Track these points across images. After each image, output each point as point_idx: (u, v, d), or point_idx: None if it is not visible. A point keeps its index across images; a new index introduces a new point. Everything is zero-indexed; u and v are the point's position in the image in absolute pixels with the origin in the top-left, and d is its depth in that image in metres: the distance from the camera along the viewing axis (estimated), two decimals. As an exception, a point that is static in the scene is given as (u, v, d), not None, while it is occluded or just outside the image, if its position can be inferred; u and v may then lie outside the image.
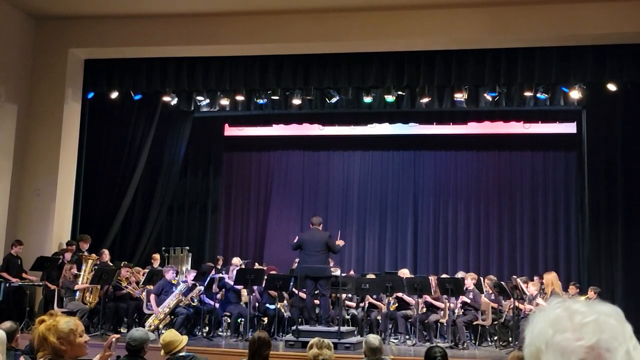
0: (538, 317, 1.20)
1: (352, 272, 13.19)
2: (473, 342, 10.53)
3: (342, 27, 11.20)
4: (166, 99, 13.05)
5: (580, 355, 1.11)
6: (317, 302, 10.01)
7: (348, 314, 11.21)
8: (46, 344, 3.10)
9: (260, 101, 13.11)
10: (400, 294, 10.61)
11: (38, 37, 12.21)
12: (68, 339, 3.12)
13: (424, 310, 10.62)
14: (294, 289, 10.69)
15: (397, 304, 10.80)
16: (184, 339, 5.66)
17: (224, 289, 10.90)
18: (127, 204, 13.48)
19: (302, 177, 16.17)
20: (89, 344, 3.31)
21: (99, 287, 10.63)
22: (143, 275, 11.43)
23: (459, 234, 15.25)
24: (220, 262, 13.33)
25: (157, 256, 12.97)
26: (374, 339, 5.74)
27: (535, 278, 11.89)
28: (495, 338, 10.48)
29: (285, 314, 10.86)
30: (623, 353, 1.11)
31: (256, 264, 13.64)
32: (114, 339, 3.63)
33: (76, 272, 10.73)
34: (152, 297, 10.38)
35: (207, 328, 10.76)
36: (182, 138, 14.70)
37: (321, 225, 10.06)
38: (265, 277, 10.54)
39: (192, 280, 10.90)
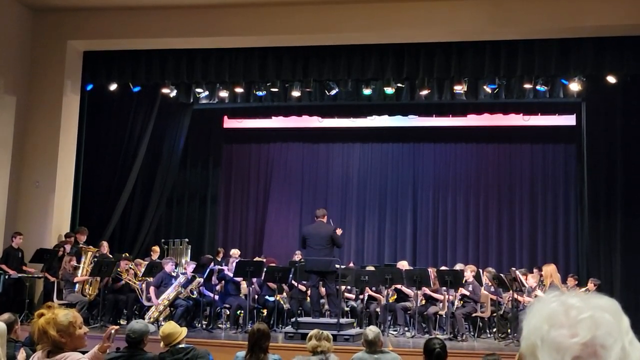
0: (534, 310, 1.18)
1: (351, 264, 13.19)
2: (472, 334, 10.55)
3: (342, 19, 11.17)
4: (165, 91, 13.00)
5: (574, 352, 1.09)
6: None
7: (347, 306, 11.21)
8: (46, 337, 3.12)
9: (260, 93, 13.06)
10: (399, 286, 10.63)
11: (37, 29, 12.16)
12: (68, 332, 3.14)
13: (423, 302, 10.63)
14: (293, 281, 10.70)
15: (396, 296, 10.82)
16: (184, 330, 5.66)
17: (223, 281, 10.92)
18: (126, 196, 13.47)
19: (302, 169, 16.16)
20: (88, 336, 3.32)
21: (98, 279, 10.64)
22: (143, 267, 11.44)
23: (458, 226, 15.24)
24: (221, 255, 13.32)
25: (156, 248, 12.92)
26: (370, 331, 5.74)
27: (535, 270, 11.90)
28: (494, 330, 10.51)
29: (284, 306, 10.88)
30: (618, 349, 1.10)
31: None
32: (113, 331, 3.64)
33: (75, 264, 10.75)
34: (152, 289, 10.40)
35: (206, 320, 10.79)
36: (182, 130, 14.67)
37: (325, 217, 10.00)
38: (265, 269, 10.56)
39: (192, 272, 10.91)
